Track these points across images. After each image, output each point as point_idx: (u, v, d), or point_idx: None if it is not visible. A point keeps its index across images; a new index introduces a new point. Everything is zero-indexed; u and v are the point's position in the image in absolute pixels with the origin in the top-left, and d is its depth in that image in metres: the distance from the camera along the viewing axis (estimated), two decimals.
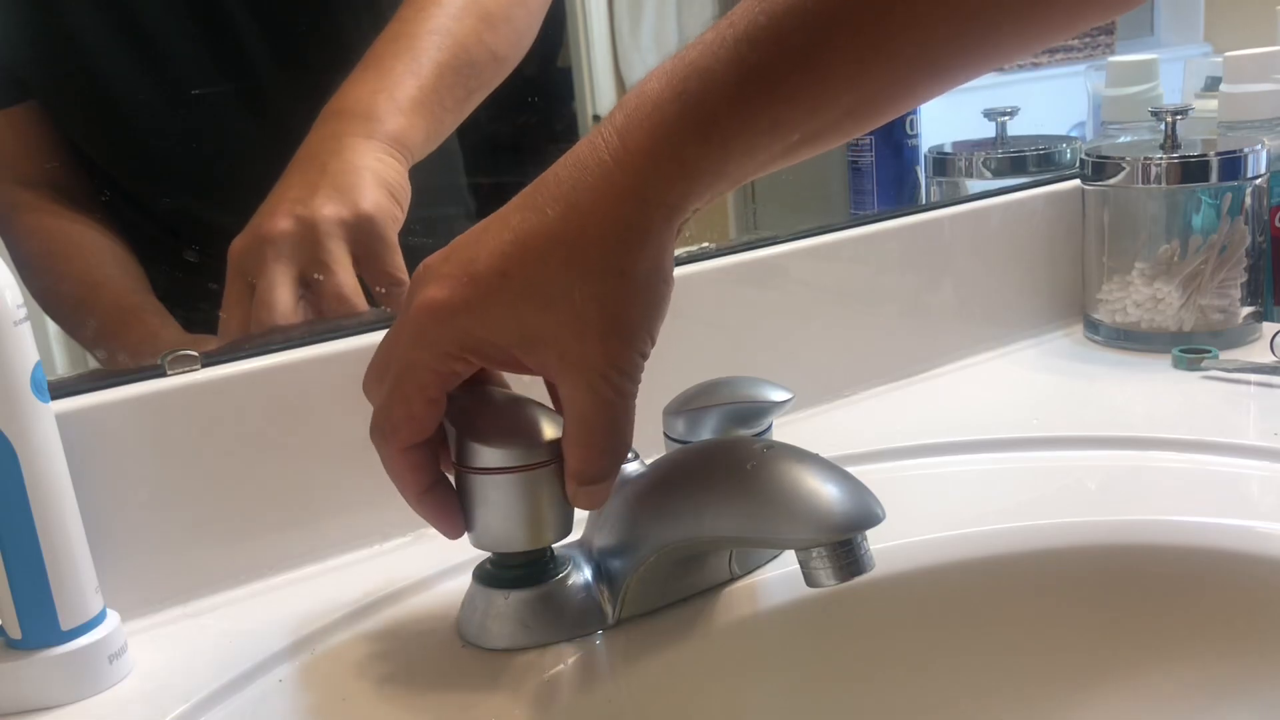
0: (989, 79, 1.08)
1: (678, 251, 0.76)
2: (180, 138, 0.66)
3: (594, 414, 0.43)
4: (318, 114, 0.62)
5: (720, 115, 0.39)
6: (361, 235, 0.58)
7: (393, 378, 0.44)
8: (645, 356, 0.43)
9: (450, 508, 0.47)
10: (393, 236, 0.60)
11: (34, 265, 0.63)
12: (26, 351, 0.46)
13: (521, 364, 0.43)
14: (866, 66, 0.39)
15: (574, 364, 0.42)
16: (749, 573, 0.54)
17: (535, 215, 0.41)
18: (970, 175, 0.94)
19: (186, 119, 0.65)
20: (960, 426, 0.71)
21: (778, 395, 0.55)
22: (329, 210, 0.57)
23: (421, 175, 0.66)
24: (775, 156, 0.41)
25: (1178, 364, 0.78)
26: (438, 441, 0.46)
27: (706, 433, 0.55)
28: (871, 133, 0.88)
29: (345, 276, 0.58)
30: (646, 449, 0.54)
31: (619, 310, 0.41)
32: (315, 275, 0.57)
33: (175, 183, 0.67)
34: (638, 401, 0.43)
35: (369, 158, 0.59)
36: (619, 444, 0.44)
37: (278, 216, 0.57)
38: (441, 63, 0.62)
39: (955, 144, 0.97)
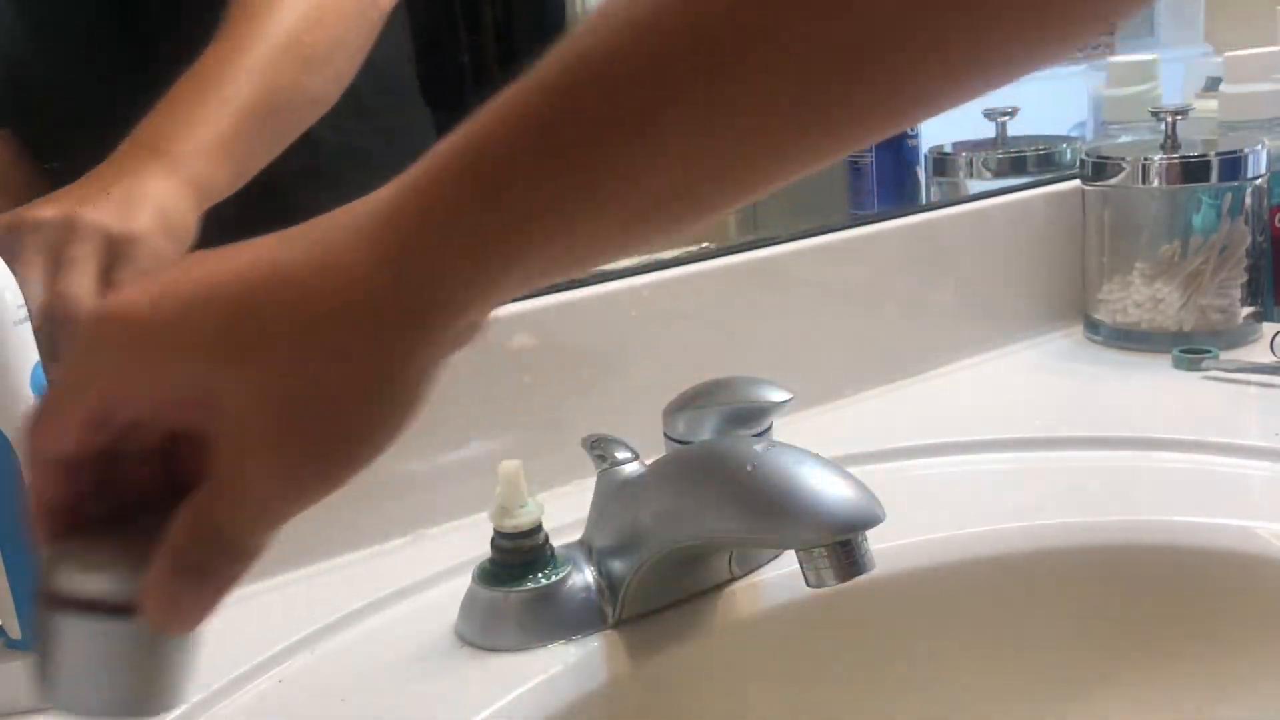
0: None
1: (678, 252, 0.77)
2: None
3: None
4: None
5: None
6: (118, 252, 0.55)
7: None
8: None
9: None
10: (147, 266, 0.56)
11: None
12: (26, 351, 0.46)
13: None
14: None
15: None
16: (749, 573, 0.54)
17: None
18: (970, 175, 0.94)
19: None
20: (960, 427, 0.70)
21: (777, 395, 0.55)
22: (95, 216, 0.55)
23: None
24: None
25: (1178, 364, 0.78)
26: None
27: (706, 433, 0.55)
28: None
29: (79, 279, 0.53)
30: (646, 449, 0.54)
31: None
32: (56, 270, 0.54)
33: None
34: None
35: (160, 192, 0.57)
36: None
37: (45, 205, 0.55)
38: (253, 105, 0.59)
39: (955, 144, 0.97)
